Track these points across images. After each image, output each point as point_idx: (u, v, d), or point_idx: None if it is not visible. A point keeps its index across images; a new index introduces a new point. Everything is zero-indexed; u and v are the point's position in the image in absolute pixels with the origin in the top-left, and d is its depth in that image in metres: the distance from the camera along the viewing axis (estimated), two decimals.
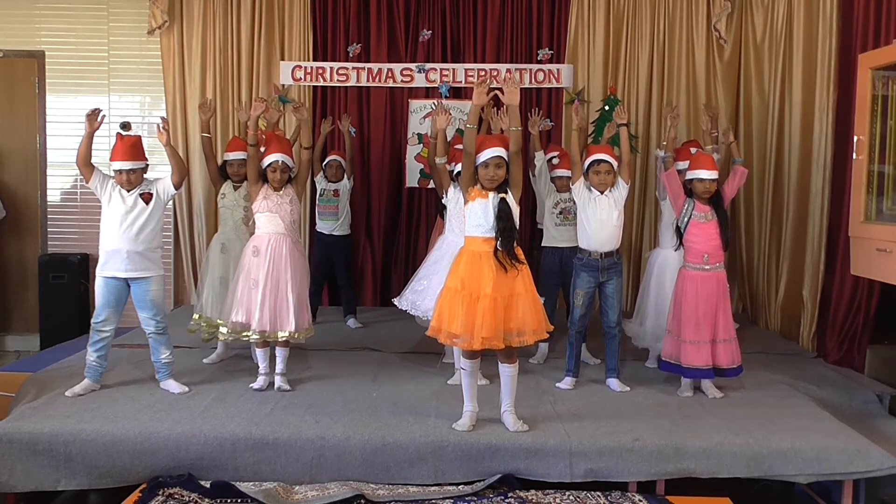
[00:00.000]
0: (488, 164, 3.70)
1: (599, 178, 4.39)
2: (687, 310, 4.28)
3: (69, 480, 3.57)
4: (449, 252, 4.28)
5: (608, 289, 4.44)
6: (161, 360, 4.31)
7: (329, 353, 5.15)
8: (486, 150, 3.71)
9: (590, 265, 4.42)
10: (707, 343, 4.26)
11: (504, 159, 3.70)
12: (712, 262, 4.29)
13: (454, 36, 6.70)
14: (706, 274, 4.28)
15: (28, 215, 6.91)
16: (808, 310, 5.60)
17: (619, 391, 4.42)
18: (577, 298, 4.48)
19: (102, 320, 4.22)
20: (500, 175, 3.71)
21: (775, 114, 6.10)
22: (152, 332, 4.27)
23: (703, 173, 4.31)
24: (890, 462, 3.57)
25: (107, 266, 4.21)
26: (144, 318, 4.27)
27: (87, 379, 4.23)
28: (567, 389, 4.43)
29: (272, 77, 6.67)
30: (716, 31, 6.49)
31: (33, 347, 6.63)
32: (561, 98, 6.68)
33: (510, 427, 3.73)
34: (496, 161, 3.69)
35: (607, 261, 4.41)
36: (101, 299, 4.23)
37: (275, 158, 4.29)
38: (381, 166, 6.73)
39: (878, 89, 4.29)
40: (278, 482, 3.51)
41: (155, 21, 6.47)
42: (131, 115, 6.84)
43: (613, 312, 4.46)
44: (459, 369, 4.12)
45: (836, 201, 5.32)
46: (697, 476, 3.58)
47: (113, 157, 4.28)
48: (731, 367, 4.31)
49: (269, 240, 4.31)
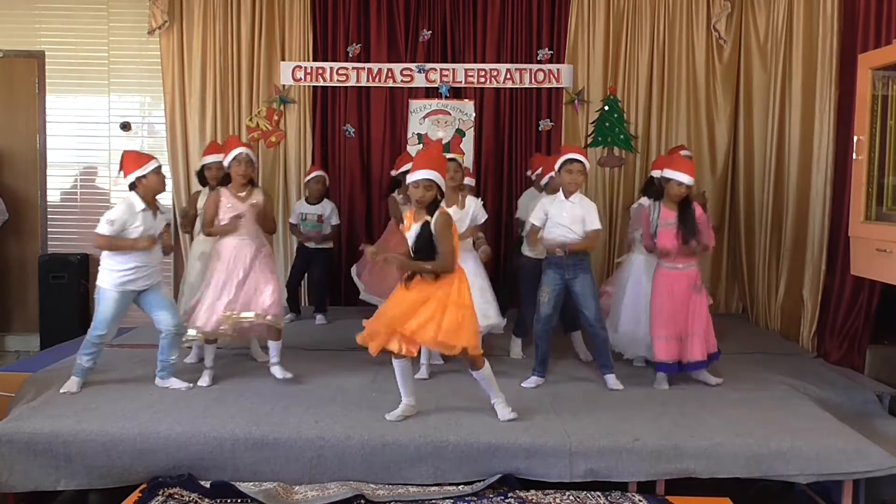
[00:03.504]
0: (418, 184, 3.73)
1: (571, 177, 4.42)
2: (659, 305, 4.46)
3: (69, 480, 3.57)
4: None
5: (577, 287, 4.44)
6: (170, 360, 4.33)
7: (329, 353, 5.15)
8: (417, 172, 3.74)
9: (555, 263, 4.45)
10: (675, 339, 4.43)
11: (433, 181, 3.72)
12: (684, 262, 4.46)
13: (454, 36, 6.70)
14: (679, 273, 4.46)
15: (28, 215, 6.92)
16: (808, 310, 5.60)
17: (614, 388, 4.44)
18: (542, 295, 4.50)
19: (105, 334, 4.23)
20: (428, 197, 3.73)
21: (775, 114, 6.09)
22: (172, 331, 4.29)
23: (683, 177, 4.41)
24: (890, 462, 3.57)
25: (137, 281, 4.21)
26: (165, 317, 4.27)
27: (77, 377, 4.23)
28: (531, 388, 4.45)
29: (272, 77, 6.67)
30: (716, 31, 6.50)
31: (33, 347, 6.63)
32: (561, 98, 6.68)
33: (500, 417, 3.84)
34: (425, 183, 3.72)
35: (572, 258, 4.41)
36: (111, 313, 4.20)
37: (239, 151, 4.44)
38: (381, 166, 6.73)
39: (878, 89, 4.28)
40: (278, 482, 3.51)
41: (155, 21, 6.47)
42: (131, 115, 6.86)
43: (589, 310, 4.46)
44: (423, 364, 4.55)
45: (836, 201, 5.32)
46: (697, 476, 3.58)
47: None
48: (704, 359, 4.47)
49: (233, 245, 4.41)
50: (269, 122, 6.69)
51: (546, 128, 6.71)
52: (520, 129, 6.73)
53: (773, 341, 5.74)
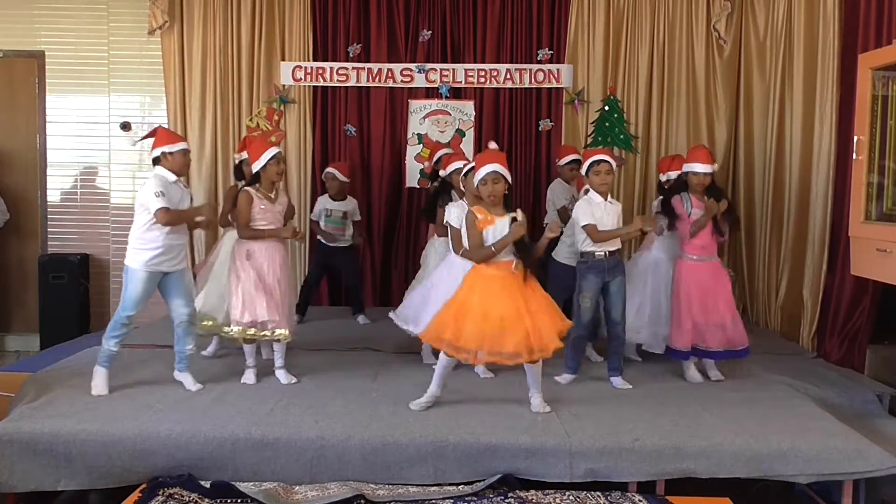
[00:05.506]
0: (486, 180, 3.82)
1: (600, 179, 4.42)
2: (684, 296, 4.52)
3: (69, 480, 3.57)
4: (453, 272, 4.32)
5: (612, 287, 4.47)
6: (186, 350, 4.32)
7: (329, 353, 5.15)
8: (484, 167, 3.85)
9: (596, 266, 4.44)
10: (695, 329, 4.50)
11: (501, 174, 3.83)
12: (705, 254, 4.54)
13: (454, 36, 6.70)
14: (702, 264, 4.54)
15: (28, 215, 6.92)
16: (808, 310, 5.60)
17: (621, 388, 4.45)
18: (584, 301, 4.48)
19: (134, 315, 4.21)
20: (499, 190, 3.83)
21: (775, 113, 6.10)
22: (185, 320, 4.29)
23: (698, 166, 4.49)
24: (890, 462, 3.57)
25: (167, 262, 4.19)
26: (180, 305, 4.27)
27: (103, 368, 4.19)
28: (563, 384, 4.49)
29: (272, 77, 6.67)
30: (715, 31, 6.50)
31: (33, 347, 6.63)
32: (561, 98, 6.68)
33: (533, 408, 3.97)
34: (493, 177, 3.82)
35: (612, 260, 4.45)
36: (139, 294, 4.16)
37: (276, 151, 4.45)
38: (381, 166, 6.74)
39: (878, 89, 4.28)
40: (278, 482, 3.51)
41: (155, 21, 6.47)
42: (131, 115, 6.85)
43: (617, 311, 4.49)
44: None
45: (837, 201, 5.32)
46: (697, 476, 3.58)
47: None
48: (721, 349, 4.54)
49: (264, 246, 4.40)
50: (270, 122, 6.69)
51: (546, 128, 6.71)
52: (520, 130, 6.73)
53: (773, 341, 5.73)
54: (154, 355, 4.89)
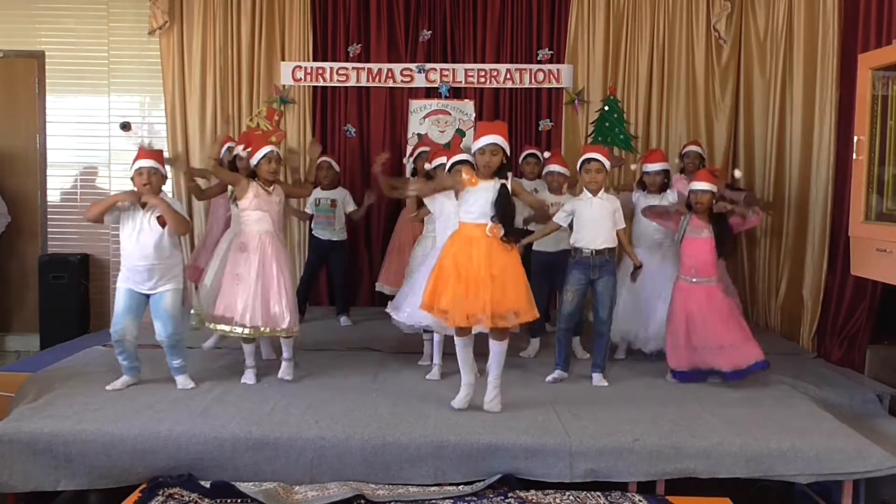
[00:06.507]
0: (484, 150, 3.85)
1: (590, 177, 4.47)
2: (674, 318, 4.54)
3: (69, 480, 3.57)
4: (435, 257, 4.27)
5: (599, 286, 4.49)
6: (174, 365, 4.35)
7: (329, 353, 5.15)
8: (483, 137, 3.88)
9: (581, 263, 4.47)
10: (689, 350, 4.48)
11: (499, 146, 3.86)
12: (700, 276, 4.51)
13: (454, 36, 6.70)
14: (694, 286, 4.51)
15: (28, 215, 6.92)
16: (808, 310, 5.60)
17: (597, 385, 4.49)
18: (566, 294, 4.54)
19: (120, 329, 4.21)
20: (495, 162, 3.86)
21: (775, 114, 6.10)
22: (165, 342, 4.29)
23: (695, 184, 4.55)
24: (890, 462, 3.57)
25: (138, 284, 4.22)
26: (158, 328, 4.28)
27: (126, 375, 4.29)
28: (554, 381, 4.52)
29: (272, 77, 6.67)
30: (716, 31, 6.50)
31: (33, 347, 6.63)
32: (561, 98, 6.68)
33: (485, 404, 3.93)
34: (492, 148, 3.85)
35: (598, 258, 4.45)
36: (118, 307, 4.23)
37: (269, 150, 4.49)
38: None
39: (878, 89, 4.28)
40: (278, 482, 3.51)
41: (156, 21, 6.47)
42: (131, 115, 6.85)
43: (604, 310, 4.51)
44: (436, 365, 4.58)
45: (837, 201, 5.32)
46: (697, 476, 3.58)
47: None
48: (729, 370, 4.43)
49: (258, 238, 4.41)
50: (270, 122, 6.68)
51: (546, 128, 6.72)
52: (520, 130, 6.72)
53: (774, 341, 5.72)
54: (154, 355, 4.86)
